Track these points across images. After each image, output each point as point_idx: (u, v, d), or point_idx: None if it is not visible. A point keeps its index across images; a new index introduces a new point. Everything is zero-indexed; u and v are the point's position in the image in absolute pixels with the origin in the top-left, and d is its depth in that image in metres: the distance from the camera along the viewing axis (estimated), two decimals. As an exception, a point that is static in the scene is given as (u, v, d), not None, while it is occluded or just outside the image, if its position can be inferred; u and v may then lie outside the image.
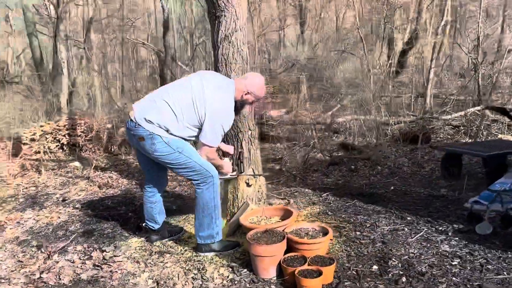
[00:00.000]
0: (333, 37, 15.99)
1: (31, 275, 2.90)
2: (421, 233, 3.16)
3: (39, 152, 7.26)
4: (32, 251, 3.29)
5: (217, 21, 3.44)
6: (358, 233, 3.25)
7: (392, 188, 4.41)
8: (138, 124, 2.84)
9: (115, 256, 3.12)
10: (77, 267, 2.97)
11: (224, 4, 3.35)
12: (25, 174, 5.93)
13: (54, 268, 2.97)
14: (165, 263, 2.96)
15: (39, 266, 3.00)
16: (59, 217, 4.04)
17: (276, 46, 18.54)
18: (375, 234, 3.21)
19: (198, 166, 2.94)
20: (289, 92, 11.98)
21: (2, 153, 7.05)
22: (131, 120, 2.89)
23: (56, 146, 7.35)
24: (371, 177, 4.84)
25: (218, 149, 3.40)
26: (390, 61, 10.15)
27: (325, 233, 2.84)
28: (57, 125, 7.38)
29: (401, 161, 5.37)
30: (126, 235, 3.54)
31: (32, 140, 7.28)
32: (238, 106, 3.08)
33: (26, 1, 12.73)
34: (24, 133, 7.43)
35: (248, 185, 3.42)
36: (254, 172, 3.47)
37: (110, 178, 5.42)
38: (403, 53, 11.18)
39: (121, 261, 3.03)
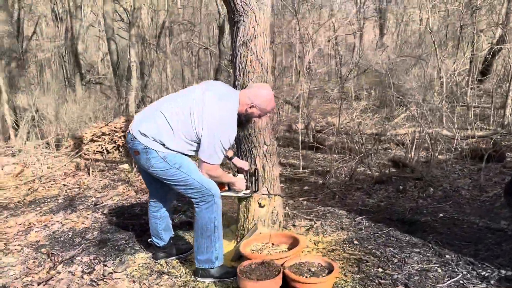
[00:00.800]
0: (411, 41, 15.02)
1: (29, 285, 2.87)
2: (457, 278, 2.64)
3: (99, 152, 7.55)
4: (42, 258, 3.29)
5: (235, 26, 3.19)
6: (380, 269, 2.81)
7: (440, 215, 3.83)
8: (134, 137, 2.68)
9: (115, 272, 2.99)
10: (74, 281, 2.89)
11: (243, 8, 3.10)
12: (76, 174, 6.14)
13: (53, 280, 2.92)
14: (160, 286, 2.77)
15: (40, 277, 2.97)
16: (83, 223, 4.05)
17: (350, 49, 17.88)
18: (400, 273, 2.75)
19: (198, 184, 2.71)
20: (354, 99, 11.39)
21: (64, 152, 7.43)
22: (129, 132, 2.75)
23: (113, 147, 7.58)
24: (420, 200, 4.27)
25: (233, 165, 3.16)
26: (468, 68, 9.19)
27: (330, 270, 2.46)
28: (114, 127, 7.61)
29: (461, 182, 4.70)
30: (137, 248, 3.42)
31: (91, 140, 7.58)
32: (243, 120, 2.80)
33: (107, 7, 13.44)
34: (85, 133, 7.76)
35: (260, 205, 3.12)
36: (268, 192, 3.17)
37: (150, 184, 5.39)
38: (486, 59, 10.08)
39: (119, 279, 2.90)
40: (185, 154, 2.74)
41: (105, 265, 3.08)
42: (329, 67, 15.73)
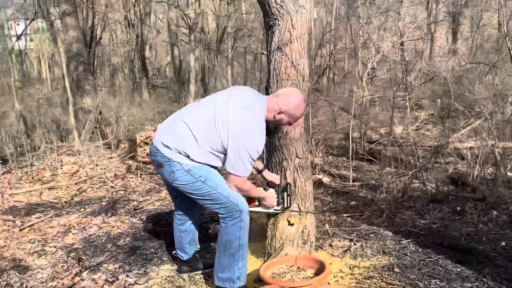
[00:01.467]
0: (486, 47, 13.96)
1: (52, 290, 2.86)
2: (512, 325, 2.25)
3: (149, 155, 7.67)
4: (71, 263, 3.29)
5: (270, 30, 3.00)
6: (420, 306, 2.47)
7: (502, 244, 3.35)
8: (157, 149, 2.56)
9: (136, 283, 2.91)
10: (94, 290, 2.84)
11: (278, 11, 2.89)
12: (126, 176, 6.24)
13: (75, 287, 2.88)
14: (177, 303, 2.64)
15: (63, 283, 2.95)
16: (119, 228, 4.04)
17: (419, 55, 16.95)
18: (443, 312, 2.39)
19: (224, 199, 2.54)
20: (418, 108, 10.73)
21: (119, 154, 7.63)
22: (152, 144, 2.64)
23: (165, 150, 7.65)
24: (480, 224, 3.79)
25: (263, 178, 2.97)
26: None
27: (357, 304, 2.18)
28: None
29: (533, 206, 4.14)
30: (164, 259, 3.32)
31: (145, 143, 7.72)
32: (271, 128, 2.59)
33: (171, 13, 13.83)
34: (141, 136, 7.92)
35: (289, 223, 2.89)
36: (299, 209, 2.93)
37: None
38: None
39: (138, 291, 2.81)
40: (212, 166, 2.59)
41: (128, 276, 3.01)
42: (394, 74, 14.98)
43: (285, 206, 2.90)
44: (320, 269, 2.54)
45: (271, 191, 2.87)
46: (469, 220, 3.90)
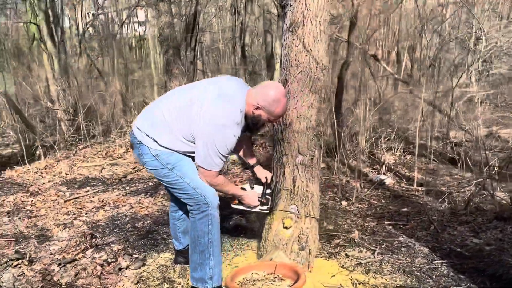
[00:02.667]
0: None
1: (54, 263, 2.94)
2: None
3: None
4: (85, 239, 3.36)
5: (283, 12, 2.72)
6: None
7: None
8: (132, 130, 2.47)
9: (128, 268, 2.87)
10: (87, 269, 2.85)
11: (291, -10, 2.59)
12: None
13: (72, 263, 2.94)
14: (154, 295, 2.53)
15: (65, 257, 3.03)
16: (147, 209, 4.07)
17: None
18: None
19: (191, 189, 2.37)
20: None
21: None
22: (136, 124, 2.55)
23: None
24: (548, 252, 3.07)
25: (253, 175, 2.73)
26: None
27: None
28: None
29: None
30: (170, 246, 3.23)
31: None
32: (250, 124, 2.33)
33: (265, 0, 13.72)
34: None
35: (283, 226, 2.59)
36: (298, 211, 2.61)
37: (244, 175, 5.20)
38: None
39: (126, 277, 2.77)
40: (186, 155, 2.42)
41: (124, 259, 2.98)
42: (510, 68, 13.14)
43: (270, 206, 2.62)
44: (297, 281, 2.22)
45: (256, 189, 2.63)
46: (536, 246, 3.18)
